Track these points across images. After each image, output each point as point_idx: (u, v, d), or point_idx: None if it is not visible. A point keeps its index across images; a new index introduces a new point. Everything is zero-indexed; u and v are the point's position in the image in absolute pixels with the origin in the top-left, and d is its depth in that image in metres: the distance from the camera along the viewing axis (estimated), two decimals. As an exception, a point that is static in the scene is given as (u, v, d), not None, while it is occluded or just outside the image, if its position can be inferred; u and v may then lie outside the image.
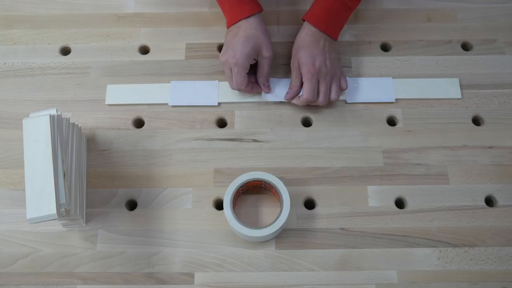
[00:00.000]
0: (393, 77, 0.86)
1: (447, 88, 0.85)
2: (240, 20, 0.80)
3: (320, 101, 0.81)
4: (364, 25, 0.91)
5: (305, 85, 0.80)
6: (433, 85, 0.85)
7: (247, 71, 0.80)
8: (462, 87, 0.85)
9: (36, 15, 0.93)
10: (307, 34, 0.81)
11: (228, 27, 0.82)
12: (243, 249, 0.75)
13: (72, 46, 0.90)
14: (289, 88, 0.83)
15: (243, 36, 0.79)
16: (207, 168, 0.80)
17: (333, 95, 0.82)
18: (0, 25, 0.92)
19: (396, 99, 0.84)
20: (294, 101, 0.83)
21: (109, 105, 0.85)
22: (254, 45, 0.79)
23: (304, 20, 0.82)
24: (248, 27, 0.79)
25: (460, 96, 0.84)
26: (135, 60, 0.89)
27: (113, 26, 0.92)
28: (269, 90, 0.83)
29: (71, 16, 0.93)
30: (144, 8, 0.93)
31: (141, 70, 0.88)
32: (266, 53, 0.80)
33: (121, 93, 0.85)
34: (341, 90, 0.83)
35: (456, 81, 0.85)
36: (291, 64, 0.83)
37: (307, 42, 0.80)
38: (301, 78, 0.81)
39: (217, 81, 0.86)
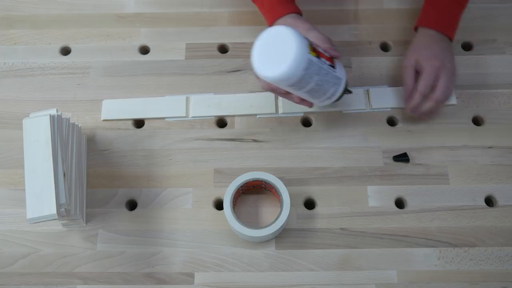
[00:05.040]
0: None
1: None
2: (277, 19, 0.79)
3: (438, 95, 0.77)
4: (364, 25, 0.91)
5: (423, 78, 0.78)
6: None
7: None
8: (462, 87, 0.85)
9: (36, 15, 0.93)
10: (425, 36, 0.81)
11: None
12: (243, 249, 0.75)
13: (72, 46, 0.90)
14: (404, 90, 0.81)
15: None
16: (207, 168, 0.80)
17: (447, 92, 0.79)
18: (0, 25, 0.92)
19: (392, 108, 0.84)
20: (404, 105, 0.81)
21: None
22: None
23: (416, 29, 0.84)
24: (282, 22, 0.78)
25: (455, 102, 0.84)
26: (135, 60, 0.89)
27: (113, 26, 0.92)
28: (337, 54, 0.75)
29: (71, 16, 0.93)
30: (144, 8, 0.93)
31: (141, 70, 0.88)
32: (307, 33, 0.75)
33: (117, 108, 0.85)
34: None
35: None
36: (404, 65, 0.81)
37: (428, 42, 0.81)
38: (415, 77, 0.80)
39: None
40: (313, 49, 0.70)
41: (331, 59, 0.73)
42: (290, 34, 0.68)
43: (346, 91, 0.78)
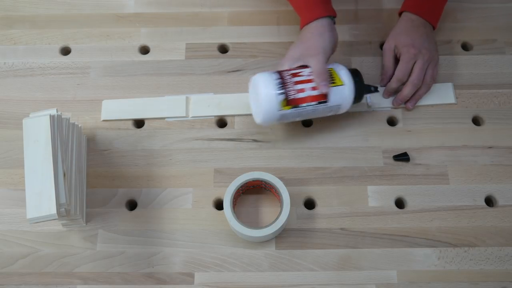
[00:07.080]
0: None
1: (440, 93, 0.84)
2: (310, 22, 0.79)
3: (413, 79, 0.80)
4: (364, 25, 0.91)
5: (400, 65, 0.81)
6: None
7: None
8: (462, 87, 0.85)
9: (36, 15, 0.93)
10: (406, 21, 0.83)
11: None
12: (243, 249, 0.75)
13: (72, 46, 0.90)
14: (381, 75, 0.84)
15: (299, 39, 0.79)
16: (207, 168, 0.80)
17: (427, 78, 0.82)
18: (0, 25, 0.92)
19: (392, 108, 0.84)
20: (385, 95, 0.84)
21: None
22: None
23: (400, 15, 0.85)
24: (313, 27, 0.78)
25: (454, 101, 0.84)
26: (135, 60, 0.89)
27: (113, 26, 0.92)
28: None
29: (71, 16, 0.93)
30: (144, 8, 0.93)
31: (141, 70, 0.88)
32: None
33: (116, 108, 0.85)
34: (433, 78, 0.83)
35: (449, 85, 0.85)
36: (383, 49, 0.84)
37: (408, 28, 0.82)
38: (394, 61, 0.82)
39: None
40: (288, 102, 0.73)
41: (322, 96, 0.74)
42: (263, 94, 0.73)
43: (368, 91, 0.80)
